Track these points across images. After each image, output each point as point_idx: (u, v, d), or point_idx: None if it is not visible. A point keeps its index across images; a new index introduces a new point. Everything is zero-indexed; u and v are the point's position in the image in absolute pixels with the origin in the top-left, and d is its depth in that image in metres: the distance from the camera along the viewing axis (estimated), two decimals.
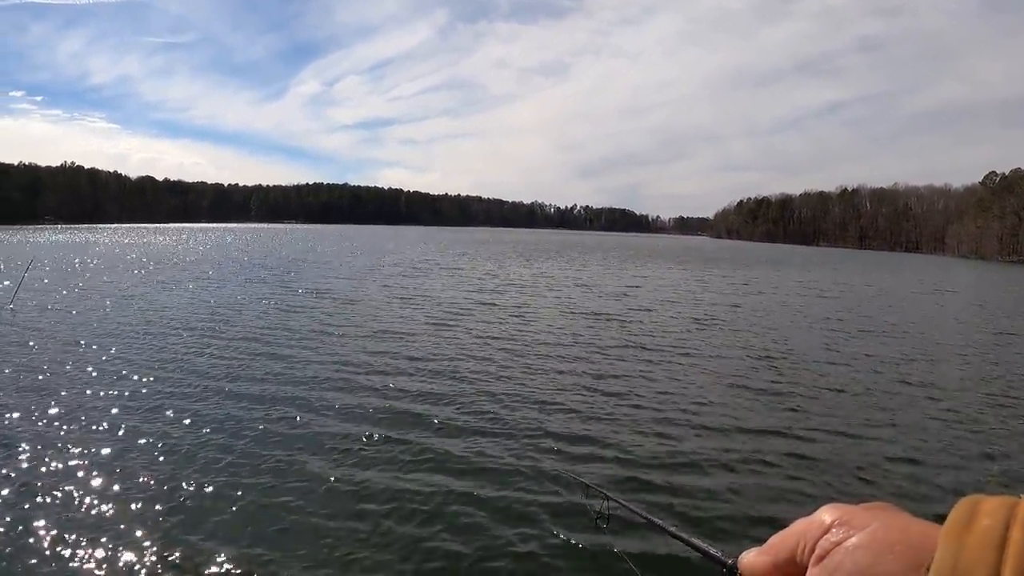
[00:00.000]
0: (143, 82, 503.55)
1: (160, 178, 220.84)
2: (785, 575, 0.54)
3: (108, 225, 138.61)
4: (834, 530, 0.50)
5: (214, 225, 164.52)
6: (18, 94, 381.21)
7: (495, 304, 19.95)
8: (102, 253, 43.38)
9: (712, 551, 0.67)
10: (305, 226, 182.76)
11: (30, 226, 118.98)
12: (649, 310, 19.87)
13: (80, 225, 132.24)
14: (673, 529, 0.78)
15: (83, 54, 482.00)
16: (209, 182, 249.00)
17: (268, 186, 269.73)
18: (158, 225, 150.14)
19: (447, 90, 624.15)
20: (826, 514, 0.52)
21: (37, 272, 25.03)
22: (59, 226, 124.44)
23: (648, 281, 30.80)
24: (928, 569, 0.42)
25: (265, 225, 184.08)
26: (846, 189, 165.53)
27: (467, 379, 10.32)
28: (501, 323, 16.28)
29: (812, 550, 0.51)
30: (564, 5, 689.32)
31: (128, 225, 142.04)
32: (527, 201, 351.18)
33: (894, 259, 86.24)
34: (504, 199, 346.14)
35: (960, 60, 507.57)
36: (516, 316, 17.57)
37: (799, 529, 0.54)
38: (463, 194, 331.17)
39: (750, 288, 28.85)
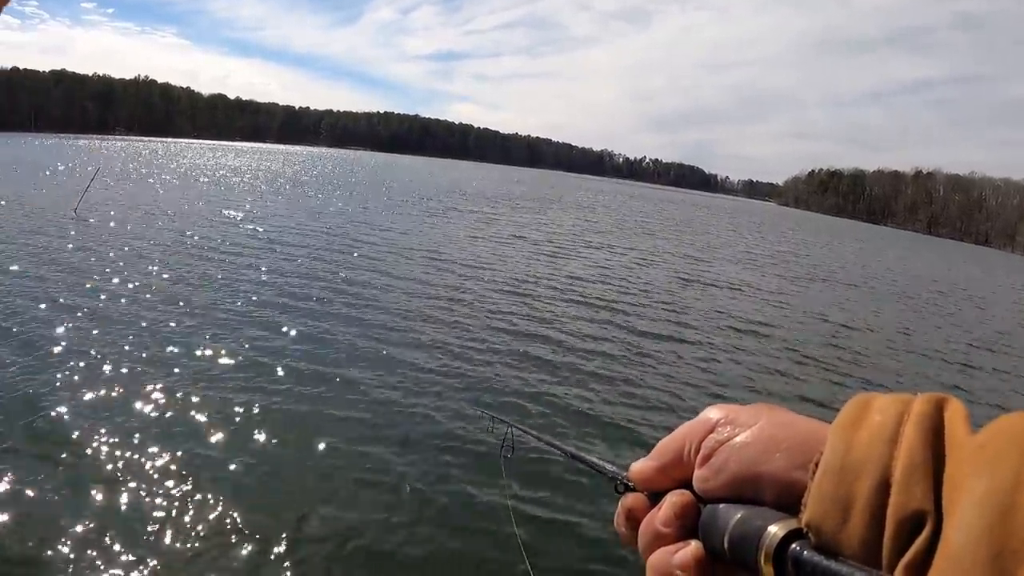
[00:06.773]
0: None
1: (231, 96, 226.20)
2: (673, 478, 0.52)
3: (178, 140, 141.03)
4: (719, 429, 0.49)
5: (286, 147, 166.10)
6: (89, 5, 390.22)
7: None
8: (171, 167, 44.72)
9: (606, 467, 0.66)
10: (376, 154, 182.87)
11: (100, 136, 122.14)
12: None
13: (150, 138, 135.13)
14: (571, 450, 0.79)
15: None
16: (280, 103, 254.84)
17: (338, 111, 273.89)
18: (230, 143, 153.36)
19: (525, 27, 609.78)
20: (711, 412, 0.51)
21: (103, 181, 26.26)
22: (129, 138, 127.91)
23: None
24: (816, 465, 0.41)
25: (335, 151, 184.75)
26: (921, 171, 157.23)
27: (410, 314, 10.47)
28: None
29: (698, 450, 0.50)
30: None
31: (200, 142, 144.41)
32: (596, 148, 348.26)
33: (971, 253, 79.89)
34: (573, 144, 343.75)
35: None
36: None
37: (684, 431, 0.52)
38: (533, 135, 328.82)
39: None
